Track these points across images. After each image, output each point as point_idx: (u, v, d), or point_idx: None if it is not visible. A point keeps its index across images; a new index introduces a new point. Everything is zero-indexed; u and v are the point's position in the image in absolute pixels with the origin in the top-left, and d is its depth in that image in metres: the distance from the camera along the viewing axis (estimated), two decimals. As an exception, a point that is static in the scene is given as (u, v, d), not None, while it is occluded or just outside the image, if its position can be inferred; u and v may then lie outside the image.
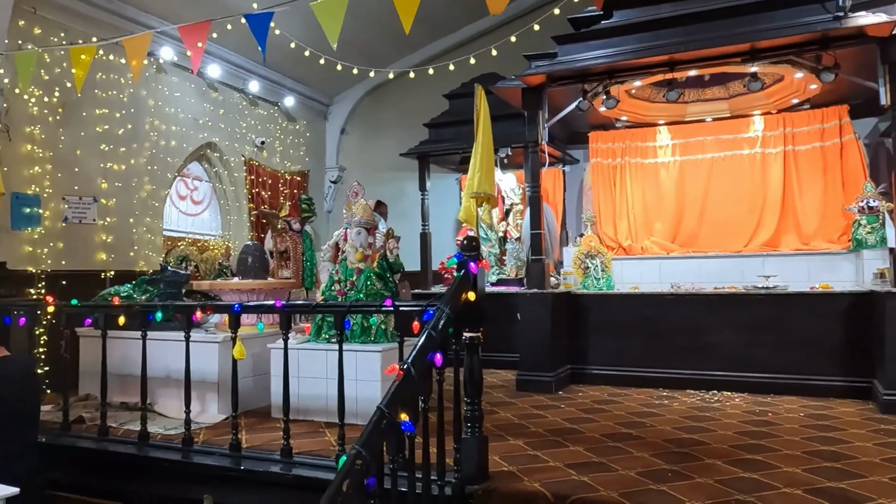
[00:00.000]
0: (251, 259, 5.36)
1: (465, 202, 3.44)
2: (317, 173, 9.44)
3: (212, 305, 3.92)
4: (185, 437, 3.82)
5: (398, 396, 2.41)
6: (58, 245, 5.76)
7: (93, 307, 4.41)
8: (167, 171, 6.98)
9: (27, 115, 5.59)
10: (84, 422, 4.45)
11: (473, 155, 3.39)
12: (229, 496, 3.54)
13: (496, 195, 3.49)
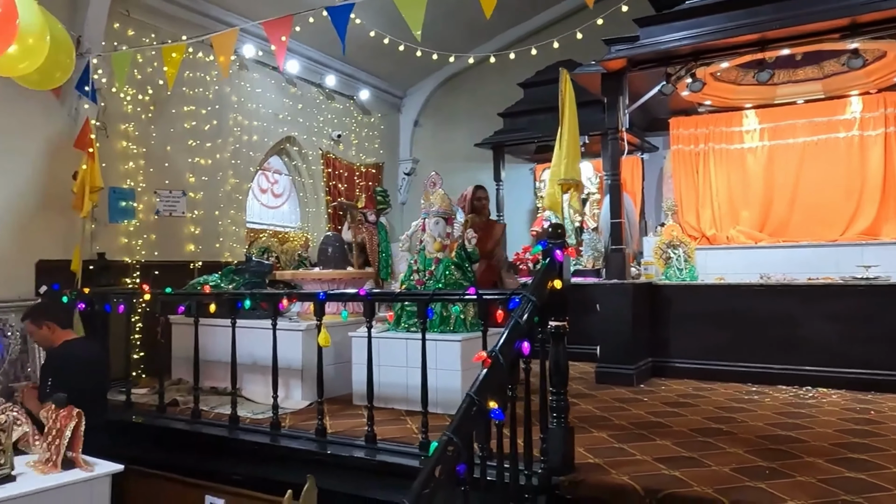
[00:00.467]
0: (331, 249, 5.47)
1: (550, 189, 3.38)
2: (391, 165, 9.54)
3: (297, 294, 4.02)
4: (273, 421, 3.93)
5: (487, 384, 2.38)
6: (150, 237, 6.05)
7: (185, 295, 4.61)
8: (249, 164, 7.21)
9: (122, 113, 5.88)
10: (178, 405, 4.65)
11: (558, 141, 3.31)
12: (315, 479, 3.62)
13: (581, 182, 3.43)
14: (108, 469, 3.18)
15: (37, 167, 5.24)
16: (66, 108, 5.42)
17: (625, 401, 4.57)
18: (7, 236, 5.04)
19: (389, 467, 3.38)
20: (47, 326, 4.10)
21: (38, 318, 4.13)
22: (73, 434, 3.12)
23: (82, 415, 3.16)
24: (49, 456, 3.15)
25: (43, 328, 4.10)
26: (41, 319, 4.12)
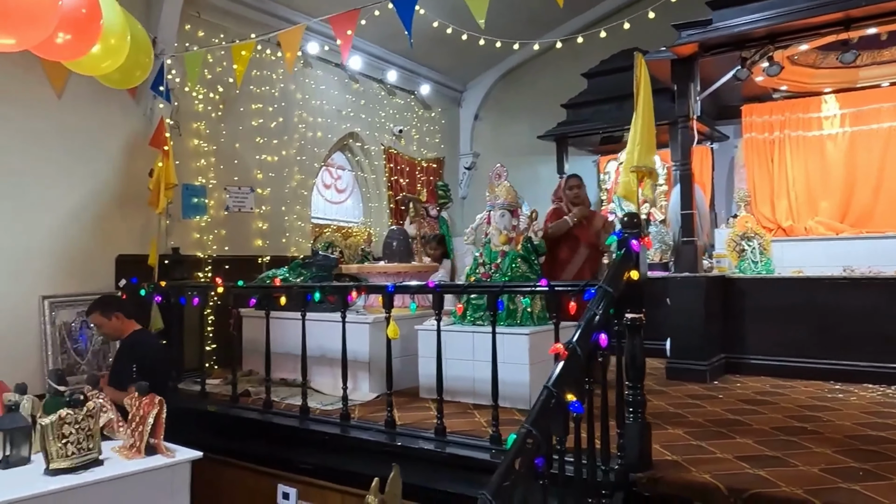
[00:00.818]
0: (396, 243, 5.48)
1: (624, 177, 3.28)
2: (451, 160, 9.53)
3: (367, 286, 4.04)
4: (343, 412, 3.97)
5: (565, 376, 2.33)
6: (221, 232, 6.21)
7: (257, 288, 4.70)
8: (314, 160, 7.32)
9: (193, 111, 6.05)
10: (250, 395, 4.76)
11: (633, 127, 3.22)
12: (383, 470, 3.63)
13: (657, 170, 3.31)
14: (188, 455, 3.27)
15: (115, 166, 5.46)
16: (141, 108, 5.63)
17: (699, 397, 4.42)
18: (88, 232, 5.27)
19: (460, 460, 3.36)
20: (116, 317, 4.33)
21: (108, 310, 4.33)
22: (155, 421, 3.22)
23: (164, 402, 3.26)
24: (133, 442, 3.26)
25: (112, 319, 4.32)
26: (110, 311, 4.33)
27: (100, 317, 4.32)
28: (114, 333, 4.42)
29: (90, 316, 4.40)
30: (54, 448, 2.90)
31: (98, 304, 4.38)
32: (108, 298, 4.48)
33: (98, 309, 4.34)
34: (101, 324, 4.36)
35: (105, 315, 4.32)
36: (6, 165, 4.76)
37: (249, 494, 4.16)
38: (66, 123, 5.11)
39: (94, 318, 4.37)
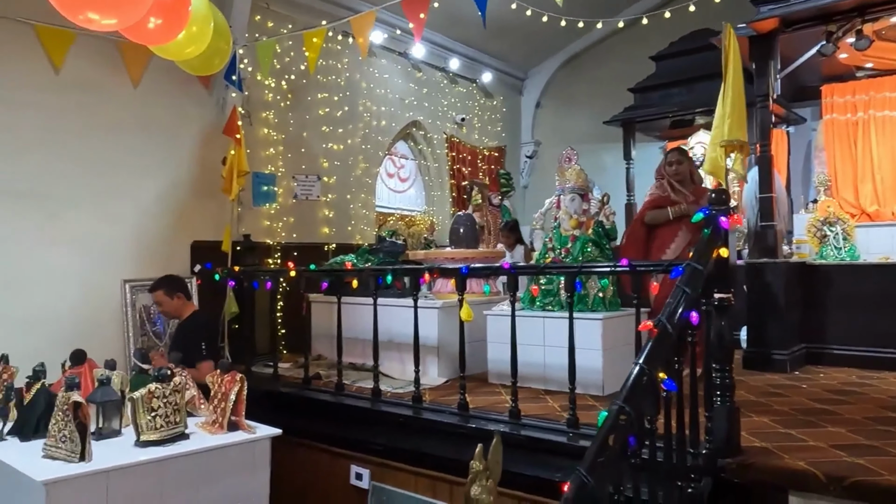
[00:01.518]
0: (463, 229, 5.47)
1: (712, 153, 3.14)
2: (513, 148, 9.45)
3: (440, 268, 4.03)
4: (415, 395, 3.98)
5: (655, 354, 2.26)
6: (289, 220, 6.32)
7: (328, 272, 4.76)
8: (378, 149, 7.38)
9: (263, 101, 6.17)
10: (321, 378, 4.83)
11: (722, 99, 3.09)
12: (456, 452, 3.62)
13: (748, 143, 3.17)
14: (268, 432, 3.33)
15: (190, 154, 5.62)
16: (214, 98, 5.77)
17: (780, 387, 4.24)
18: (166, 220, 5.44)
19: (536, 443, 3.31)
20: (178, 297, 4.49)
21: (172, 289, 4.48)
22: (236, 398, 3.29)
23: (244, 379, 3.33)
24: (215, 418, 3.34)
25: (174, 299, 4.48)
26: (174, 291, 4.48)
27: (163, 295, 4.46)
28: (173, 313, 4.57)
29: (154, 292, 4.52)
30: (144, 421, 3.00)
31: (163, 283, 4.51)
32: (174, 279, 4.59)
33: (163, 287, 4.48)
34: (163, 302, 4.49)
35: (168, 294, 4.46)
36: (89, 154, 4.96)
37: (323, 474, 4.22)
38: (143, 113, 5.28)
39: (157, 296, 4.50)
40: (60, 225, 4.81)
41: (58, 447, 2.79)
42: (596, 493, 1.85)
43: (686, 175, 4.52)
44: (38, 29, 4.67)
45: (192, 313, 4.59)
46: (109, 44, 5.03)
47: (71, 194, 4.86)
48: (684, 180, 4.51)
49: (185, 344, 4.33)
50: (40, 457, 2.81)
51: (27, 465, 2.71)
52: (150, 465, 2.86)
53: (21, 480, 2.66)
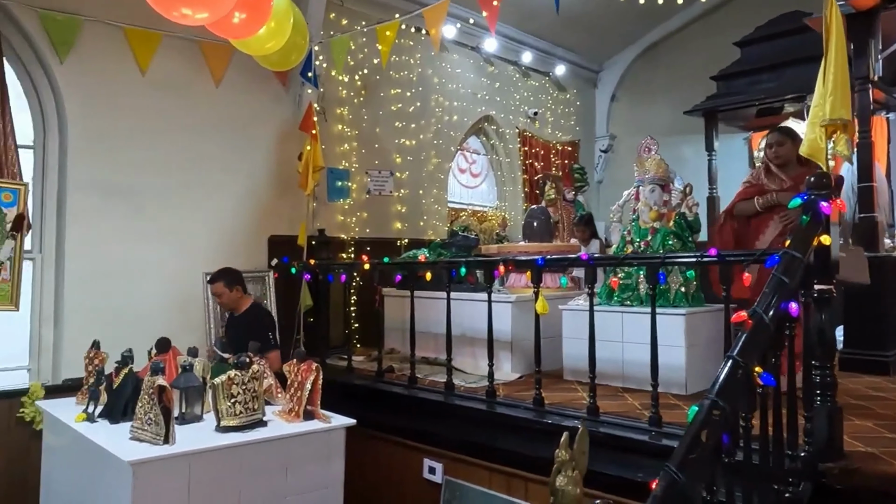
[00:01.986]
0: (537, 223, 5.36)
1: (811, 134, 2.91)
2: (587, 143, 9.24)
3: (514, 260, 3.95)
4: (489, 389, 3.91)
5: (750, 347, 2.10)
6: (363, 215, 6.38)
7: (402, 264, 4.76)
8: (450, 144, 7.35)
9: (337, 97, 6.25)
10: (394, 371, 4.83)
11: (822, 76, 2.86)
12: (532, 448, 3.53)
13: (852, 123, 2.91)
14: (343, 422, 3.34)
15: (268, 151, 5.75)
16: (291, 96, 5.88)
17: (883, 390, 3.93)
18: (245, 214, 5.58)
19: (616, 440, 3.18)
20: (236, 290, 4.56)
21: (232, 282, 4.54)
22: (312, 387, 3.31)
23: (320, 369, 3.35)
24: (292, 406, 3.38)
25: (233, 291, 4.54)
26: (233, 284, 4.55)
27: (223, 287, 4.51)
28: (230, 304, 4.61)
29: (214, 284, 4.56)
30: (224, 406, 3.05)
31: (223, 275, 4.56)
32: (232, 271, 4.64)
33: (222, 279, 4.53)
34: (222, 293, 4.53)
35: (228, 286, 4.52)
36: (173, 152, 5.14)
37: (396, 467, 4.21)
38: (224, 111, 5.44)
39: (217, 287, 4.54)
40: (147, 220, 5.00)
41: (143, 429, 2.88)
42: (687, 491, 1.73)
43: (789, 158, 4.06)
44: (127, 32, 4.87)
45: (251, 306, 4.66)
46: (192, 45, 5.21)
47: (156, 190, 5.05)
48: (788, 164, 4.08)
49: (247, 336, 4.28)
50: (128, 439, 2.91)
51: (115, 446, 2.80)
52: (230, 450, 2.91)
53: (110, 460, 2.76)
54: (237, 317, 4.64)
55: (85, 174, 4.75)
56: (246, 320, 4.58)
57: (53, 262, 4.71)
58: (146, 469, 2.64)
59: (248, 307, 4.63)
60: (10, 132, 4.42)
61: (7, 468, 4.25)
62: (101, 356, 3.65)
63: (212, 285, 4.61)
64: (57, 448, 3.47)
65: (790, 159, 4.06)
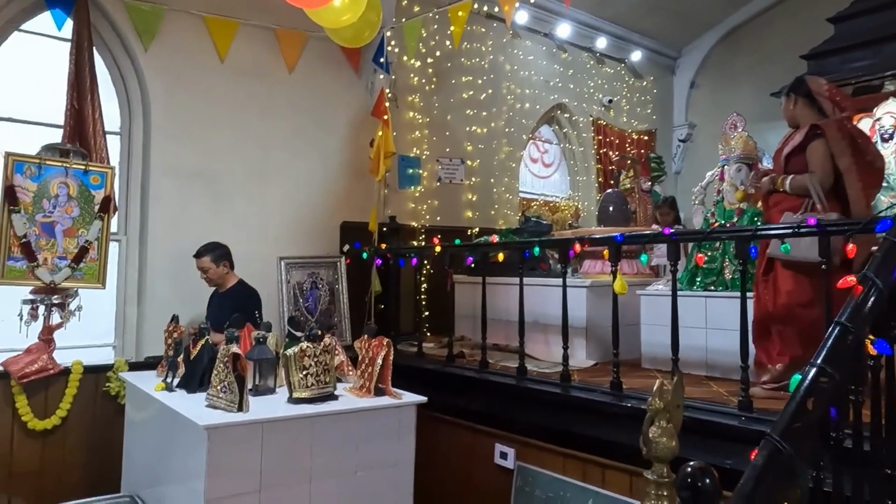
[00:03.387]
0: (613, 207, 5.19)
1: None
2: (664, 132, 8.91)
3: (590, 238, 3.79)
4: (564, 373, 3.77)
5: (861, 312, 1.90)
6: (433, 203, 6.34)
7: (474, 246, 4.69)
8: (522, 132, 7.22)
9: (409, 85, 6.24)
10: (464, 357, 4.76)
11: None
12: (610, 433, 3.38)
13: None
14: (414, 399, 3.28)
15: (340, 138, 5.79)
16: (363, 82, 5.91)
17: None
18: (318, 201, 5.63)
19: (703, 426, 2.98)
20: (224, 266, 4.38)
21: (219, 257, 4.36)
22: (383, 363, 3.27)
23: (391, 344, 3.30)
24: (362, 382, 3.35)
25: (220, 267, 4.36)
26: (220, 259, 4.36)
27: (209, 261, 4.33)
28: (216, 280, 4.42)
29: (201, 258, 4.35)
30: (296, 378, 3.05)
31: (210, 249, 4.38)
32: (220, 246, 4.44)
33: (209, 254, 4.35)
34: (208, 268, 4.34)
35: (215, 261, 4.34)
36: (249, 138, 5.24)
37: (466, 452, 4.12)
38: (297, 98, 5.51)
39: (203, 262, 4.34)
40: (225, 204, 5.12)
41: (218, 397, 2.90)
42: (793, 462, 1.57)
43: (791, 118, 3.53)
44: (206, 20, 5.01)
45: (237, 283, 4.46)
46: (268, 33, 5.31)
47: (233, 176, 5.16)
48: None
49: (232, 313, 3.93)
50: (203, 406, 2.94)
51: (192, 412, 2.84)
52: (302, 421, 2.90)
53: (186, 426, 2.79)
54: (222, 293, 4.44)
55: (167, 159, 4.90)
56: (232, 297, 4.38)
57: (137, 244, 4.88)
58: (220, 434, 2.66)
59: (233, 284, 4.43)
60: (98, 118, 4.61)
61: (93, 438, 4.40)
62: (180, 329, 3.73)
63: (198, 259, 4.37)
64: (137, 417, 3.57)
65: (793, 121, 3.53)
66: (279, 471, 2.81)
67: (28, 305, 4.30)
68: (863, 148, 3.19)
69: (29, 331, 4.27)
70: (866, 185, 3.09)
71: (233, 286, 4.43)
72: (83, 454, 4.35)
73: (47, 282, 4.29)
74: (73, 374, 4.26)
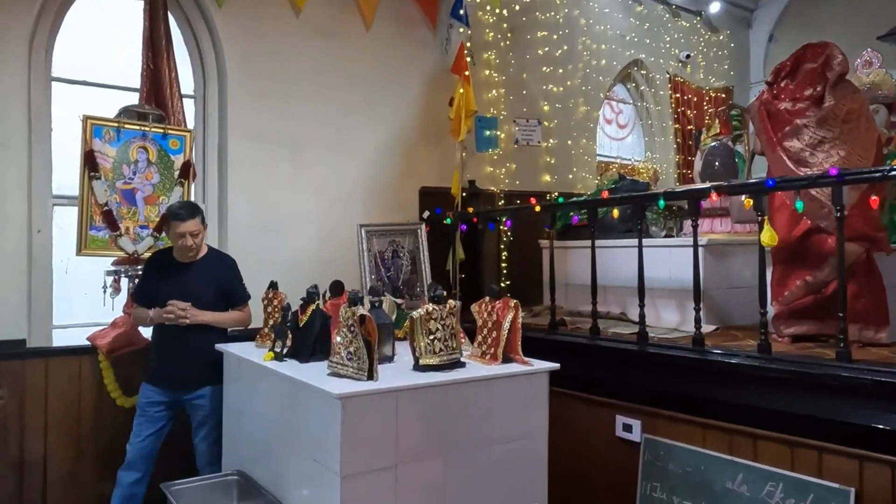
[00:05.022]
0: (718, 162, 4.80)
1: None
2: (741, 90, 8.39)
3: (728, 186, 3.42)
4: (696, 336, 3.43)
5: None
6: (511, 166, 6.00)
7: (582, 203, 4.35)
8: (599, 90, 6.83)
9: (484, 41, 5.89)
10: (566, 324, 4.45)
11: None
12: (760, 399, 3.05)
13: None
14: (546, 366, 2.99)
15: (417, 99, 5.49)
16: (439, 40, 5.59)
17: None
18: (396, 166, 5.35)
19: (880, 388, 2.64)
20: (203, 230, 3.63)
21: (203, 219, 3.62)
22: (511, 326, 2.97)
23: (518, 306, 3.00)
24: (484, 349, 3.06)
25: (204, 230, 3.64)
26: (204, 221, 3.64)
27: (200, 223, 3.55)
28: (198, 246, 3.57)
29: (190, 220, 3.47)
30: (423, 343, 2.77)
31: (194, 209, 3.57)
32: (198, 206, 3.71)
33: (198, 214, 3.55)
34: (199, 232, 3.52)
35: (203, 224, 3.60)
36: (326, 100, 4.98)
37: (583, 424, 3.82)
38: (374, 57, 5.22)
39: (193, 225, 3.47)
40: (303, 170, 4.88)
41: (344, 364, 2.64)
42: None
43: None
44: (281, -27, 4.73)
45: (212, 250, 3.76)
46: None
47: (310, 140, 4.91)
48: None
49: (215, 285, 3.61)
50: (326, 374, 2.69)
51: (319, 381, 2.58)
52: (436, 390, 2.63)
53: (314, 396, 2.54)
54: (197, 262, 3.61)
55: (244, 122, 4.66)
56: (218, 266, 3.69)
57: (217, 212, 4.67)
58: (355, 404, 2.40)
59: (207, 252, 3.68)
60: (174, 78, 4.38)
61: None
62: (280, 296, 3.49)
63: (185, 223, 3.45)
64: (241, 390, 3.34)
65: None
66: (414, 444, 2.55)
67: (111, 277, 4.12)
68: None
69: (114, 303, 4.09)
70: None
71: (209, 254, 3.69)
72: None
73: (130, 252, 4.09)
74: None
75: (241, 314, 3.76)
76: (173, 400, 3.61)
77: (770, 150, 3.54)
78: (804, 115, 3.41)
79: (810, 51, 3.52)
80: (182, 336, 3.50)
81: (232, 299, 3.72)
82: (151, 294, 3.56)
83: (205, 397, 3.60)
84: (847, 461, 2.70)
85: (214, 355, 3.52)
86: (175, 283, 3.54)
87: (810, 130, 3.34)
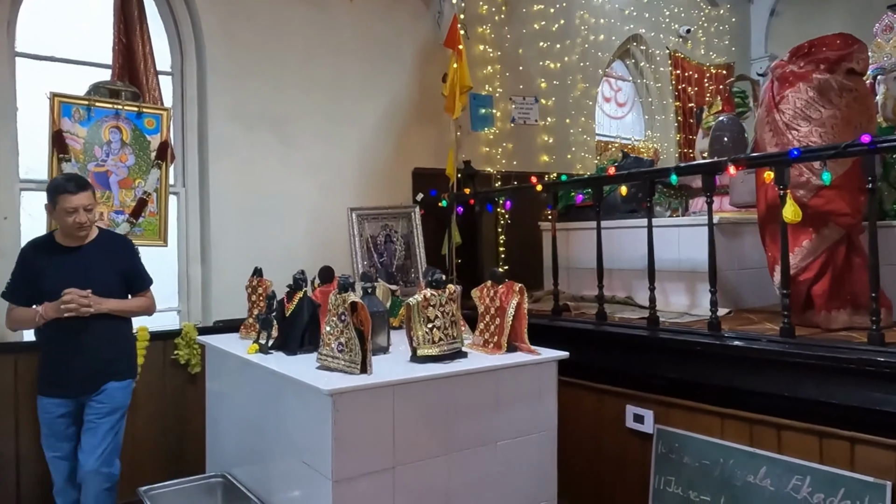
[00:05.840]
0: (727, 137, 4.56)
1: None
2: (742, 66, 8.13)
3: (747, 157, 3.18)
4: (712, 321, 3.21)
5: None
6: (508, 146, 5.76)
7: (587, 180, 4.11)
8: (598, 67, 6.57)
9: (478, 15, 5.62)
10: (570, 310, 4.23)
11: None
12: (786, 387, 2.83)
13: None
14: (554, 355, 2.76)
15: (409, 75, 5.23)
16: (431, 12, 5.31)
17: None
18: (388, 145, 5.10)
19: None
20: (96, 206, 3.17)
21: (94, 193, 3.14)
22: (516, 312, 2.74)
23: (524, 290, 2.77)
24: (487, 337, 2.83)
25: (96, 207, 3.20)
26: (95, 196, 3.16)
27: (93, 197, 3.06)
28: (90, 223, 3.05)
29: (83, 193, 2.98)
30: (421, 332, 2.54)
31: (85, 181, 3.09)
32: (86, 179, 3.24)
33: (91, 188, 3.08)
34: (93, 206, 3.05)
35: (95, 198, 3.13)
36: (312, 76, 4.71)
37: (591, 415, 3.60)
38: (362, 29, 4.94)
39: (86, 197, 2.99)
40: (290, 151, 4.62)
41: (334, 357, 2.41)
42: None
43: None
44: (261, -61, 4.43)
45: (104, 231, 3.27)
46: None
47: (296, 119, 4.65)
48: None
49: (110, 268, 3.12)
50: (315, 368, 2.45)
51: (307, 376, 2.34)
52: (438, 383, 2.40)
53: (301, 392, 2.31)
54: (89, 244, 3.09)
55: (225, 101, 4.39)
56: (107, 249, 3.16)
57: (198, 197, 4.41)
58: (347, 401, 2.17)
59: (99, 233, 3.18)
60: (149, 53, 4.11)
61: (165, 412, 4.00)
62: (266, 283, 3.24)
63: (78, 195, 2.95)
64: (224, 386, 3.11)
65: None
66: (413, 444, 2.32)
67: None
68: None
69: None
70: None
71: (101, 234, 3.20)
72: (155, 428, 3.94)
73: (105, 239, 3.83)
74: (139, 341, 3.79)
75: (145, 300, 3.25)
76: (77, 406, 3.05)
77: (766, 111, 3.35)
78: (808, 79, 3.20)
79: (841, 39, 3.26)
80: (81, 330, 2.94)
81: (133, 284, 3.20)
82: (34, 289, 3.00)
83: (104, 392, 3.04)
84: (882, 452, 2.49)
85: (120, 347, 3.12)
86: (67, 270, 2.98)
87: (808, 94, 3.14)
